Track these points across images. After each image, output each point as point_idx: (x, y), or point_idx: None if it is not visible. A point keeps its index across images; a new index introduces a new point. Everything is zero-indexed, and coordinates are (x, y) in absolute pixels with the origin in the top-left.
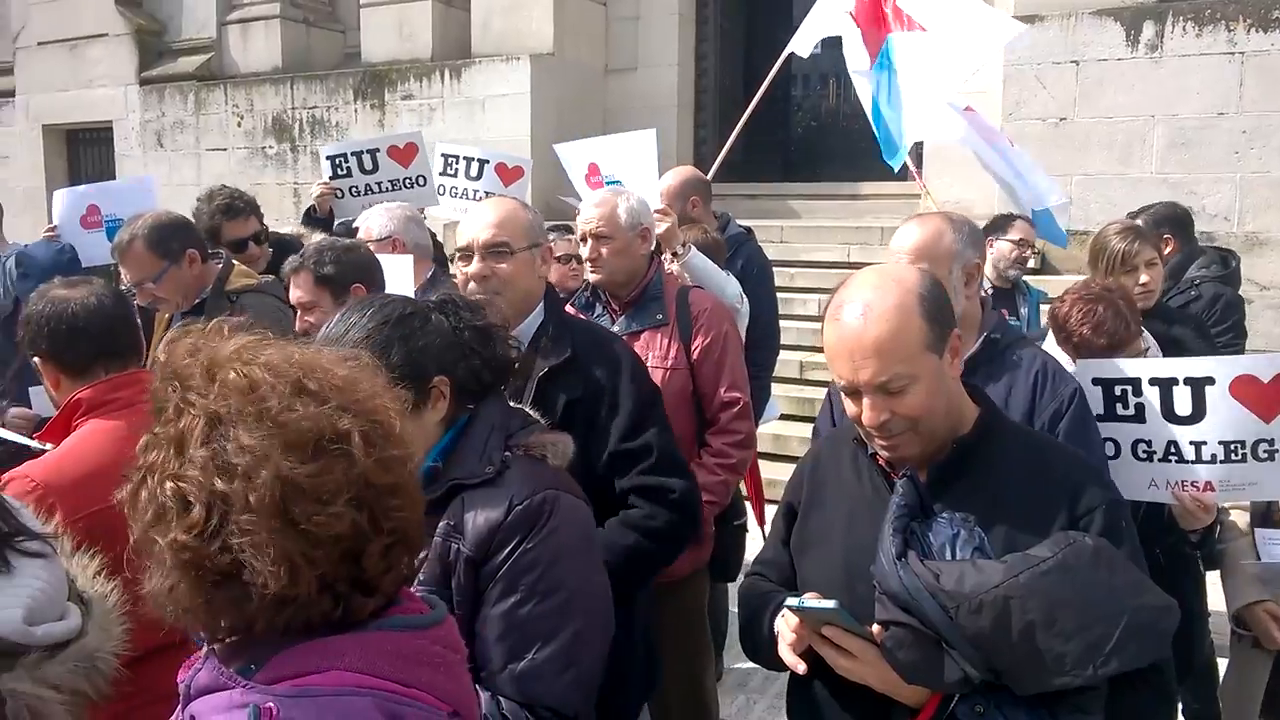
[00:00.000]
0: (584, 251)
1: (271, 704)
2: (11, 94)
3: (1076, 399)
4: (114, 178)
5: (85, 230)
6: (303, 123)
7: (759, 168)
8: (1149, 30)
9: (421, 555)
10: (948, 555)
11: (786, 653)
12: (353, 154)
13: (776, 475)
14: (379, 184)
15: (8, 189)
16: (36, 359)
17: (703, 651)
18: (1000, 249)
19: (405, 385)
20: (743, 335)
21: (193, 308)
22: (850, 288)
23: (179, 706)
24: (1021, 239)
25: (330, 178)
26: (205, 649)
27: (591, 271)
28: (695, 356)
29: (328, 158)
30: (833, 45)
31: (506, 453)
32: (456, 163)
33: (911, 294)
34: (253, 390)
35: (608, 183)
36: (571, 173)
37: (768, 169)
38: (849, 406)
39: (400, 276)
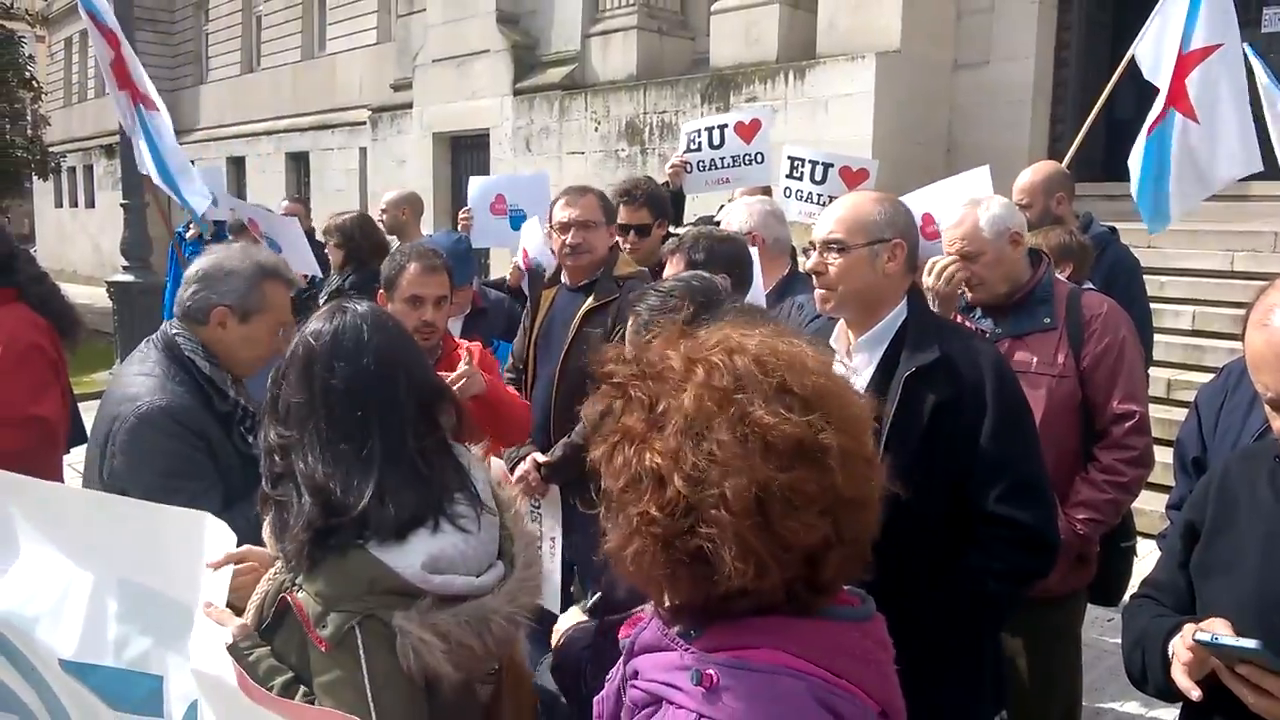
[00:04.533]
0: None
1: (712, 671)
2: (410, 106)
3: None
4: None
5: (492, 216)
6: (652, 126)
7: (1123, 166)
8: None
9: None
10: None
11: (1181, 677)
12: (706, 129)
13: (1140, 503)
14: (722, 159)
15: (404, 188)
16: None
17: (1074, 676)
18: None
19: None
20: None
21: (580, 286)
22: None
23: (622, 660)
24: None
25: (684, 152)
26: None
27: (971, 292)
28: (1086, 364)
29: (686, 134)
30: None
31: None
32: (802, 165)
33: None
34: (738, 389)
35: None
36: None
37: None
38: (1275, 421)
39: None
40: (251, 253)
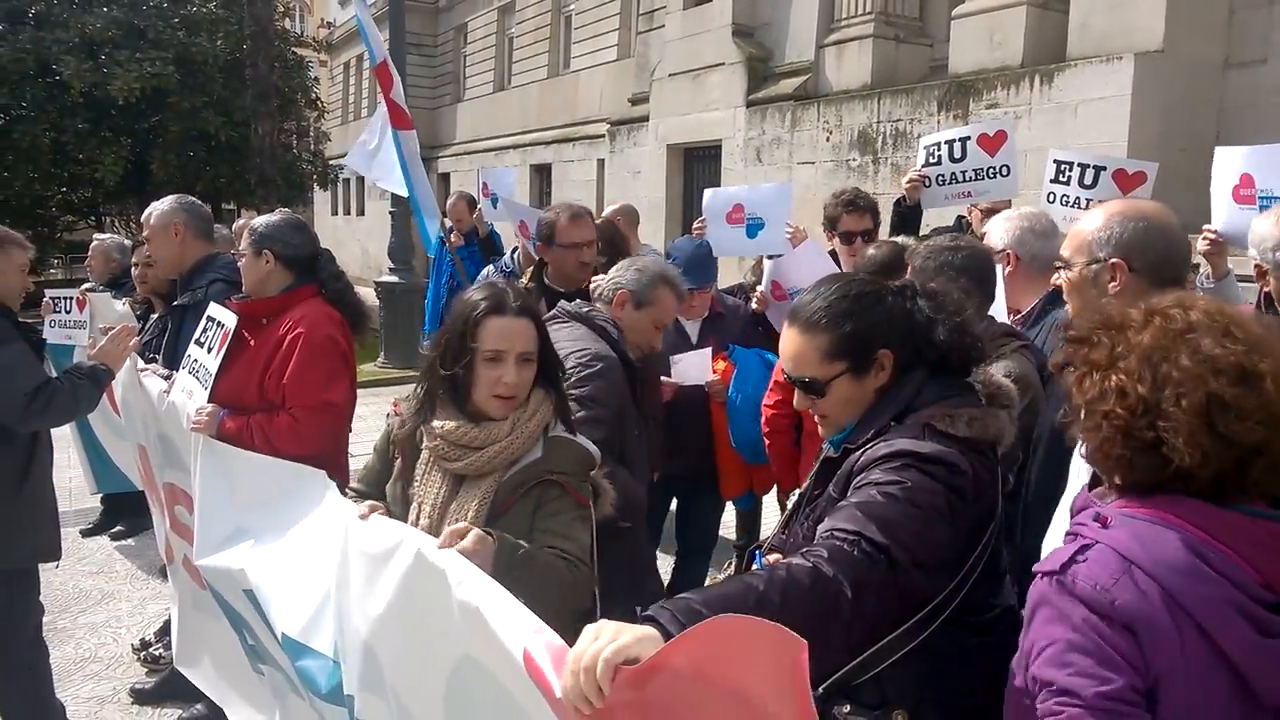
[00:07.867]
0: None
1: (1108, 513)
2: (646, 119)
3: None
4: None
5: (728, 225)
6: (885, 136)
7: None
8: None
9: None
10: None
11: None
12: (945, 142)
13: None
14: (963, 173)
15: (638, 198)
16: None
17: None
18: None
19: (851, 352)
20: None
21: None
22: None
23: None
24: None
25: (922, 166)
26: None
27: None
28: None
29: (924, 147)
30: None
31: (892, 421)
32: (1070, 169)
33: None
34: (1189, 331)
35: (1260, 198)
36: (1217, 182)
37: None
38: None
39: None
40: (660, 262)
